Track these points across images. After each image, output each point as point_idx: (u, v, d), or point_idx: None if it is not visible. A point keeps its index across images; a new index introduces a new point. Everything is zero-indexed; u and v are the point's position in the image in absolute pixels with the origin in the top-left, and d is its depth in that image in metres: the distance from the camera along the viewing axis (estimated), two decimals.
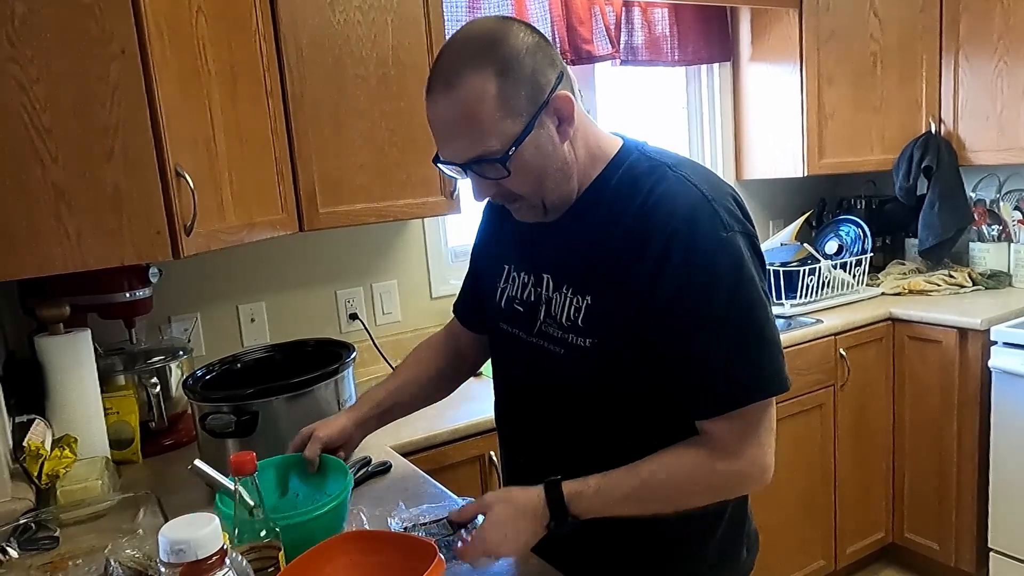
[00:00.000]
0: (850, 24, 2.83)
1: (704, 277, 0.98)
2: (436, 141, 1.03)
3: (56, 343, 1.58)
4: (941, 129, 2.85)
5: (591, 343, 1.05)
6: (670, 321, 1.00)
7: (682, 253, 0.98)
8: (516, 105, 0.97)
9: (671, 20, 2.86)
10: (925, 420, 2.67)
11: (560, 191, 1.06)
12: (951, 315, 2.56)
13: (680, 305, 0.99)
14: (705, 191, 1.02)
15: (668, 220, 0.99)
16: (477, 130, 0.96)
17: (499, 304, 1.21)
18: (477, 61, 0.95)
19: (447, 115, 0.98)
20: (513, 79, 0.96)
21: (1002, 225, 2.93)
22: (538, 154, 1.00)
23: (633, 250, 1.01)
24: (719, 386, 1.00)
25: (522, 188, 1.03)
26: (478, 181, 1.04)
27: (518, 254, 1.19)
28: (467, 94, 0.95)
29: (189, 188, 1.35)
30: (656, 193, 1.02)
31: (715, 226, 0.99)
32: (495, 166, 0.99)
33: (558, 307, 1.10)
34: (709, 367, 1.00)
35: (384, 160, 1.99)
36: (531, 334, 1.15)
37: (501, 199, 1.07)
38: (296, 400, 1.48)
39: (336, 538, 1.05)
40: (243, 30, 1.68)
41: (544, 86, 0.99)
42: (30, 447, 1.43)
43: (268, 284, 2.25)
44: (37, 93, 1.20)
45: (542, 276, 1.13)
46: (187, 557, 0.75)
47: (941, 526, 2.68)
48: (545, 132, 1.00)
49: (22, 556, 1.22)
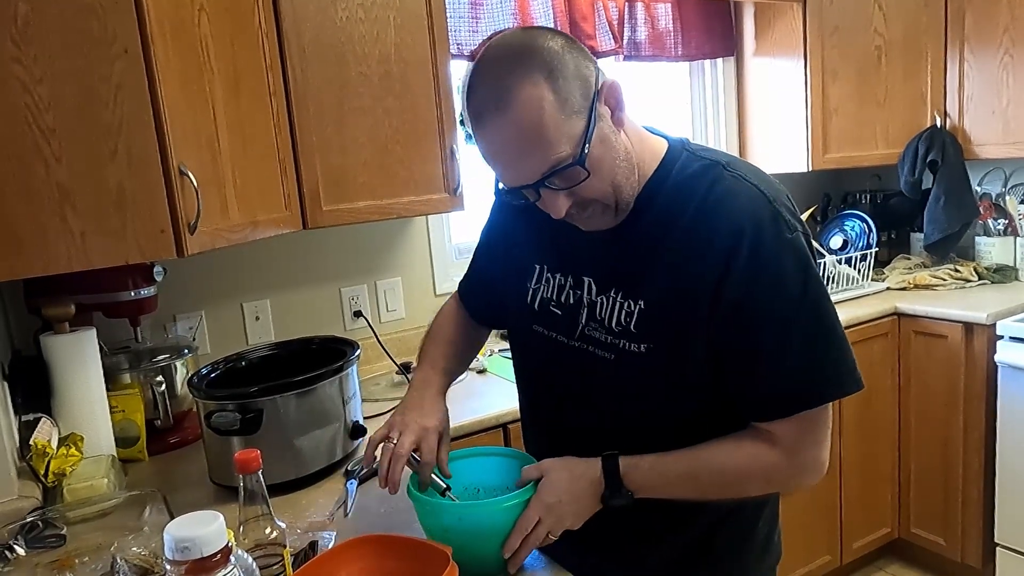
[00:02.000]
0: (854, 18, 2.82)
1: (772, 278, 0.96)
2: (499, 168, 0.98)
3: (61, 342, 1.58)
4: (946, 123, 2.84)
5: (646, 348, 1.03)
6: (737, 323, 0.98)
7: (749, 254, 0.96)
8: (574, 103, 0.92)
9: (674, 15, 2.85)
10: (931, 415, 2.67)
11: (630, 183, 1.01)
12: (957, 309, 2.55)
13: (748, 307, 0.97)
14: (765, 191, 1.00)
15: (732, 221, 0.97)
16: (545, 140, 0.91)
17: (531, 306, 1.18)
18: (522, 71, 0.91)
19: (508, 135, 0.92)
20: (563, 78, 0.92)
21: (1008, 219, 2.92)
22: (605, 148, 0.96)
23: (694, 253, 0.99)
24: (788, 389, 0.99)
25: (599, 188, 0.98)
26: (551, 196, 0.97)
27: (552, 255, 1.16)
28: (525, 106, 0.90)
29: (193, 187, 1.36)
30: (715, 194, 1.00)
31: (780, 227, 0.98)
32: (574, 171, 0.93)
33: (605, 311, 1.07)
34: (778, 369, 0.98)
35: (387, 157, 1.99)
36: (573, 338, 1.12)
37: (576, 209, 1.00)
38: (301, 398, 1.48)
39: (350, 542, 1.05)
40: (246, 28, 1.68)
41: (590, 77, 0.95)
42: (36, 445, 1.43)
43: (272, 282, 2.26)
44: (40, 93, 1.20)
45: (582, 279, 1.11)
46: (192, 555, 0.75)
47: (947, 521, 2.68)
48: (605, 123, 0.97)
49: (29, 554, 1.23)
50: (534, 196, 0.99)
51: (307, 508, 1.41)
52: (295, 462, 1.49)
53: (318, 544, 1.20)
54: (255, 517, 0.99)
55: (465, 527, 1.07)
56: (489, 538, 1.09)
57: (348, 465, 1.55)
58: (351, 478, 1.49)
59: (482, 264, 1.37)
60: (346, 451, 1.59)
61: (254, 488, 0.99)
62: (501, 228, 1.30)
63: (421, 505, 1.12)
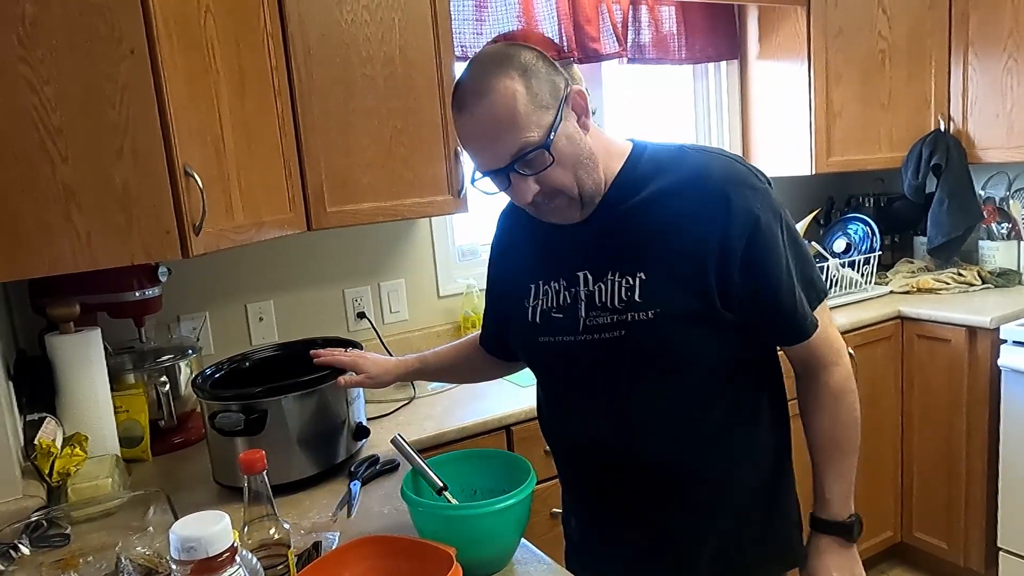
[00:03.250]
0: (858, 21, 2.82)
1: (767, 219, 1.09)
2: (475, 154, 1.10)
3: (66, 342, 1.58)
4: (950, 127, 2.84)
5: (654, 313, 1.10)
6: (750, 265, 1.09)
7: (743, 204, 1.08)
8: (543, 99, 1.05)
9: (678, 18, 2.85)
10: (934, 419, 2.66)
11: (593, 179, 1.12)
12: (960, 313, 2.54)
13: (757, 246, 1.08)
14: (729, 156, 1.16)
15: (717, 182, 1.10)
16: (516, 124, 1.04)
17: (533, 322, 1.23)
18: (500, 70, 1.05)
19: (485, 118, 1.04)
20: (535, 78, 1.05)
21: (1011, 223, 2.91)
22: (570, 144, 1.08)
23: (687, 217, 1.09)
24: (805, 308, 1.14)
25: (563, 179, 1.09)
26: (520, 182, 1.08)
27: (545, 266, 1.23)
28: (500, 95, 1.03)
29: (198, 187, 1.36)
30: (687, 166, 1.13)
31: (755, 178, 1.12)
32: (540, 155, 1.05)
33: (605, 295, 1.14)
34: (794, 295, 1.12)
35: (391, 159, 1.99)
36: (578, 334, 1.17)
37: (542, 198, 1.10)
38: (305, 398, 1.48)
39: (353, 543, 1.05)
40: (251, 29, 1.69)
41: (559, 84, 1.09)
42: (41, 445, 1.44)
43: (276, 283, 2.26)
44: (47, 93, 1.20)
45: (577, 275, 1.17)
46: (198, 555, 0.75)
47: (950, 525, 2.67)
48: (571, 124, 1.09)
49: (33, 553, 1.23)
50: (504, 184, 1.10)
51: (311, 508, 1.41)
52: (299, 463, 1.49)
53: (322, 544, 1.21)
54: (259, 517, 0.99)
55: (459, 529, 1.07)
56: (483, 540, 1.09)
57: (352, 466, 1.55)
58: (355, 479, 1.49)
59: (491, 302, 1.44)
60: (350, 452, 1.59)
61: (259, 488, 0.99)
62: (499, 263, 1.38)
63: (415, 507, 1.12)
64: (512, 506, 1.10)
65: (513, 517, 1.13)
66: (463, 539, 1.04)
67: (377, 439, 1.69)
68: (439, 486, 1.20)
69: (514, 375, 2.14)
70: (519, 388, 2.07)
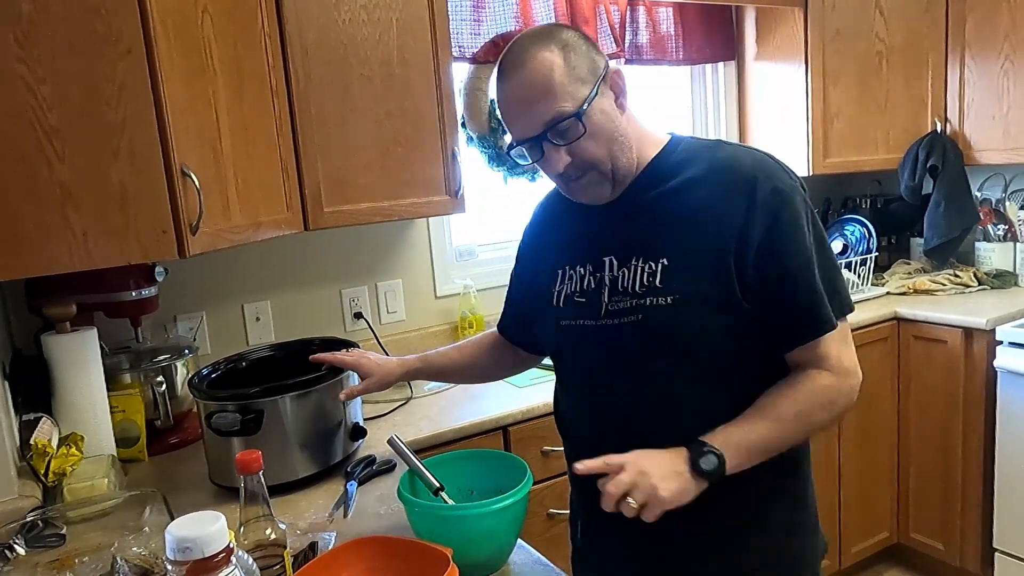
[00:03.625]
0: (856, 23, 2.82)
1: (790, 213, 1.09)
2: (511, 122, 1.13)
3: (62, 341, 1.58)
4: (947, 128, 2.85)
5: (673, 299, 1.10)
6: (768, 259, 1.08)
7: (767, 197, 1.08)
8: (580, 73, 1.09)
9: (676, 19, 2.86)
10: (930, 420, 2.67)
11: (626, 158, 1.14)
12: (956, 315, 2.55)
13: (776, 240, 1.08)
14: (765, 152, 1.16)
15: (744, 173, 1.11)
16: (551, 93, 1.06)
17: (557, 306, 1.23)
18: (541, 42, 1.09)
19: (523, 85, 1.08)
20: (574, 54, 1.09)
21: (1008, 225, 2.92)
22: (605, 118, 1.11)
23: (712, 205, 1.10)
24: (822, 307, 1.10)
25: (596, 151, 1.11)
26: (553, 152, 1.10)
27: (573, 252, 1.23)
28: (539, 64, 1.07)
29: (195, 187, 1.36)
30: (720, 157, 1.15)
31: (784, 174, 1.12)
32: (573, 125, 1.08)
33: (628, 280, 1.14)
34: (811, 294, 1.10)
35: (389, 159, 1.99)
36: (600, 318, 1.17)
37: (573, 170, 1.12)
38: (302, 399, 1.48)
39: (349, 544, 1.05)
40: (249, 30, 1.69)
41: (598, 63, 1.12)
42: (37, 445, 1.43)
43: (273, 283, 2.26)
44: (44, 93, 1.20)
45: (603, 260, 1.18)
46: (193, 555, 0.75)
47: (946, 526, 2.68)
48: (607, 100, 1.12)
49: (29, 553, 1.23)
50: (537, 153, 1.12)
51: (307, 509, 1.41)
52: (295, 463, 1.49)
53: (318, 545, 1.21)
54: (256, 518, 0.99)
55: (456, 530, 1.07)
56: (480, 541, 1.09)
57: (348, 466, 1.55)
58: (351, 479, 1.49)
59: (515, 289, 1.44)
60: (346, 452, 1.59)
61: (255, 489, 0.99)
62: (530, 251, 1.39)
63: (412, 507, 1.13)
64: (508, 506, 1.11)
65: (509, 517, 1.13)
66: (459, 540, 1.04)
67: (374, 439, 1.69)
68: (435, 486, 1.20)
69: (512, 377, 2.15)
70: (516, 389, 2.07)
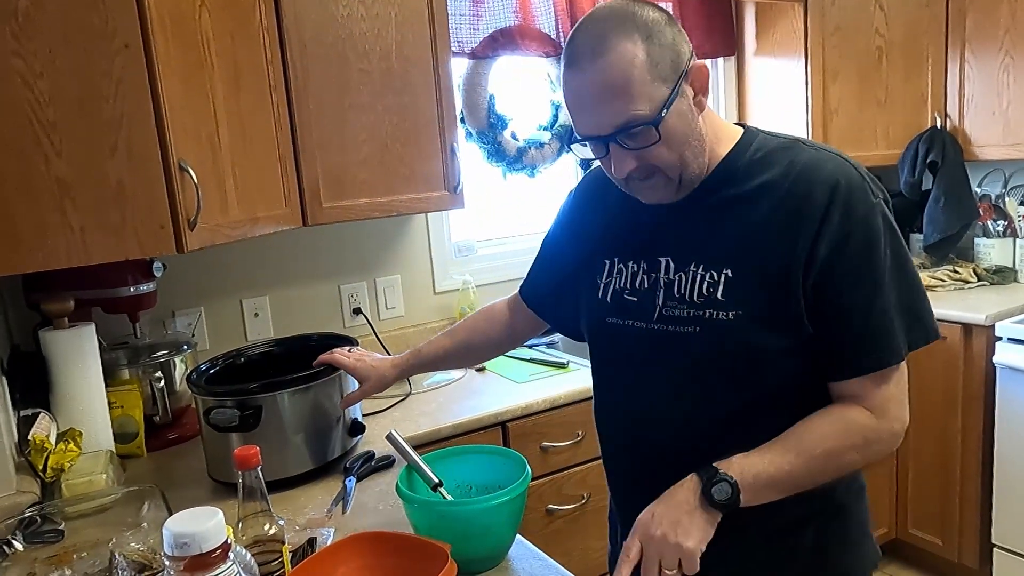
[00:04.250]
0: (856, 18, 2.81)
1: (863, 236, 1.00)
2: (577, 115, 1.01)
3: (60, 337, 1.58)
4: (947, 124, 2.84)
5: (735, 315, 1.03)
6: (830, 279, 0.99)
7: (841, 214, 0.99)
8: (663, 70, 0.97)
9: (676, 14, 2.85)
10: (929, 416, 2.66)
11: (698, 163, 1.05)
12: (956, 311, 2.55)
13: (840, 263, 0.99)
14: (848, 159, 1.05)
15: (822, 185, 1.00)
16: (628, 94, 0.95)
17: (603, 299, 1.17)
18: (623, 28, 0.96)
19: (597, 81, 0.96)
20: (659, 44, 0.97)
21: (1007, 220, 2.91)
22: (681, 122, 1.00)
23: (785, 217, 1.01)
24: (879, 342, 1.00)
25: (667, 158, 1.01)
26: (619, 154, 1.01)
27: (622, 245, 1.16)
28: (618, 58, 0.95)
29: (193, 182, 1.36)
30: (800, 163, 1.04)
31: (867, 191, 1.02)
32: (646, 131, 0.98)
33: (685, 286, 1.07)
34: (867, 324, 1.00)
35: (387, 155, 1.99)
36: (652, 321, 1.10)
37: (638, 174, 1.03)
38: (300, 394, 1.48)
39: (348, 539, 1.05)
40: (246, 24, 1.68)
41: (683, 55, 1.00)
42: (35, 441, 1.43)
43: (272, 279, 2.25)
44: (41, 88, 1.20)
45: (658, 260, 1.10)
46: (191, 551, 0.75)
47: (945, 522, 2.68)
48: (686, 101, 1.01)
49: (27, 549, 1.23)
50: (602, 151, 1.03)
51: (306, 505, 1.41)
52: (294, 459, 1.49)
53: (317, 540, 1.21)
54: (254, 513, 0.99)
55: (455, 525, 1.07)
56: (479, 536, 1.09)
57: (347, 462, 1.55)
58: (350, 475, 1.49)
59: (548, 263, 1.36)
60: (345, 448, 1.59)
61: (253, 484, 0.99)
62: (568, 228, 1.30)
63: (411, 503, 1.13)
64: (507, 502, 1.10)
65: (508, 513, 1.13)
66: (458, 535, 1.04)
67: (372, 435, 1.69)
68: (434, 482, 1.20)
69: (511, 373, 2.15)
70: (515, 385, 2.07)
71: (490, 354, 1.56)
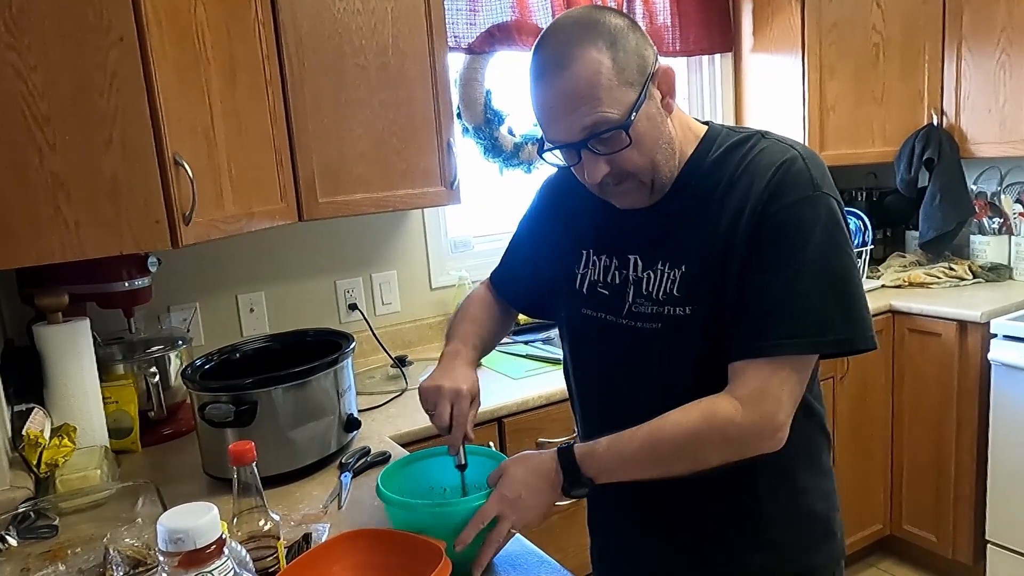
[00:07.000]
0: (853, 15, 2.81)
1: (785, 219, 0.99)
2: (547, 124, 1.02)
3: (55, 332, 1.57)
4: (943, 121, 2.84)
5: (690, 310, 1.05)
6: (749, 261, 1.00)
7: (770, 195, 1.00)
8: (629, 75, 0.98)
9: (672, 10, 2.85)
10: (924, 413, 2.67)
11: (669, 166, 1.06)
12: (951, 308, 2.55)
13: (757, 244, 1.00)
14: (800, 151, 1.05)
15: (763, 172, 1.02)
16: (597, 99, 0.97)
17: (580, 290, 1.19)
18: (587, 37, 0.97)
19: (564, 89, 0.97)
20: (623, 50, 0.98)
21: (1003, 218, 2.92)
22: (650, 126, 1.02)
23: (729, 208, 1.02)
24: (780, 328, 0.98)
25: (638, 161, 1.02)
26: (592, 160, 1.02)
27: (597, 239, 1.18)
28: (584, 67, 0.96)
29: (188, 177, 1.35)
30: (752, 155, 1.05)
31: (807, 181, 1.01)
32: (617, 135, 0.99)
33: (653, 285, 1.09)
34: (757, 310, 0.99)
35: (384, 150, 1.98)
36: (621, 316, 1.13)
37: (611, 179, 1.04)
38: (295, 390, 1.48)
39: (343, 536, 1.05)
40: (242, 18, 1.67)
41: (648, 58, 1.01)
42: (29, 436, 1.43)
43: (267, 274, 2.25)
44: (35, 81, 1.19)
45: (628, 258, 1.13)
46: (186, 546, 0.74)
47: (939, 518, 2.69)
48: (654, 104, 1.02)
49: (21, 544, 1.23)
50: (574, 159, 1.04)
51: (301, 500, 1.41)
52: (289, 454, 1.49)
53: (312, 536, 1.20)
54: (249, 509, 0.99)
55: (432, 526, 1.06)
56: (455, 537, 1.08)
57: (343, 458, 1.55)
58: (345, 471, 1.49)
59: (522, 253, 1.37)
60: (340, 444, 1.59)
61: (248, 480, 0.99)
62: (543, 218, 1.31)
63: (388, 504, 1.11)
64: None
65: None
66: (451, 533, 1.04)
67: (368, 431, 1.69)
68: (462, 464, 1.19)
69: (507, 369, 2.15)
70: (512, 381, 2.07)
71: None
